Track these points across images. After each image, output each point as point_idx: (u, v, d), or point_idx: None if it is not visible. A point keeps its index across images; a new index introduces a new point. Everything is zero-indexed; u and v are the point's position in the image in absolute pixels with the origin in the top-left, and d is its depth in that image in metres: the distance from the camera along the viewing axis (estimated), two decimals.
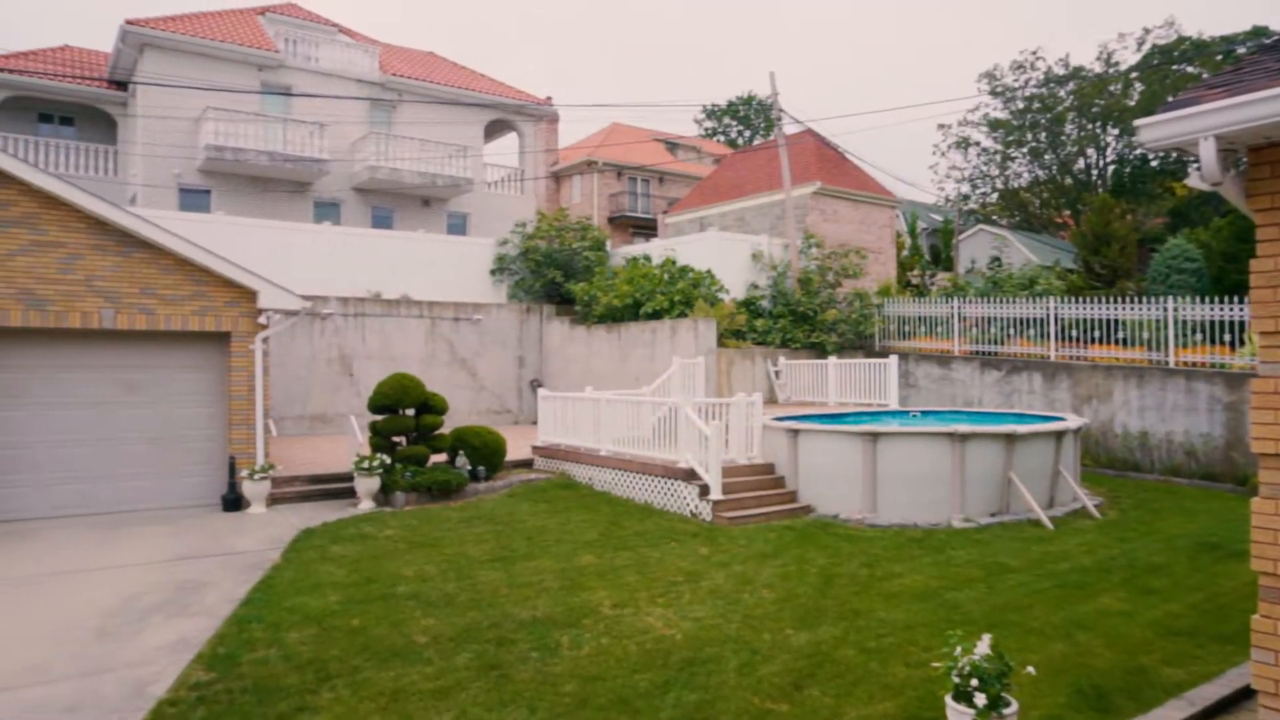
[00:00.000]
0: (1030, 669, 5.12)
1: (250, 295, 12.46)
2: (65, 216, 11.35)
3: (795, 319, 20.56)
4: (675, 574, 8.71)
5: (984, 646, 4.73)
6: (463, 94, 27.99)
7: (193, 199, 23.61)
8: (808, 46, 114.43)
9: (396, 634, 6.87)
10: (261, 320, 12.56)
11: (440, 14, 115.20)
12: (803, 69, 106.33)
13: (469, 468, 13.15)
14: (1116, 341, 16.95)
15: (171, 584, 8.44)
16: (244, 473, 12.06)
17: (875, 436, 11.40)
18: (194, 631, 7.03)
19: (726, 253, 21.20)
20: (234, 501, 12.11)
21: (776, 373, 19.36)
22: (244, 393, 12.45)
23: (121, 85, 25.20)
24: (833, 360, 18.36)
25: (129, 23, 22.67)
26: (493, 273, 23.03)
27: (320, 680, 5.97)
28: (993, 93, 43.75)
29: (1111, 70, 40.49)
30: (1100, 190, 39.90)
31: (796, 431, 12.13)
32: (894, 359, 17.28)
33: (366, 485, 12.22)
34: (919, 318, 20.36)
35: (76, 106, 25.69)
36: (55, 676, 6.10)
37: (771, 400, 18.84)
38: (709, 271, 20.15)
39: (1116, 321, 17.01)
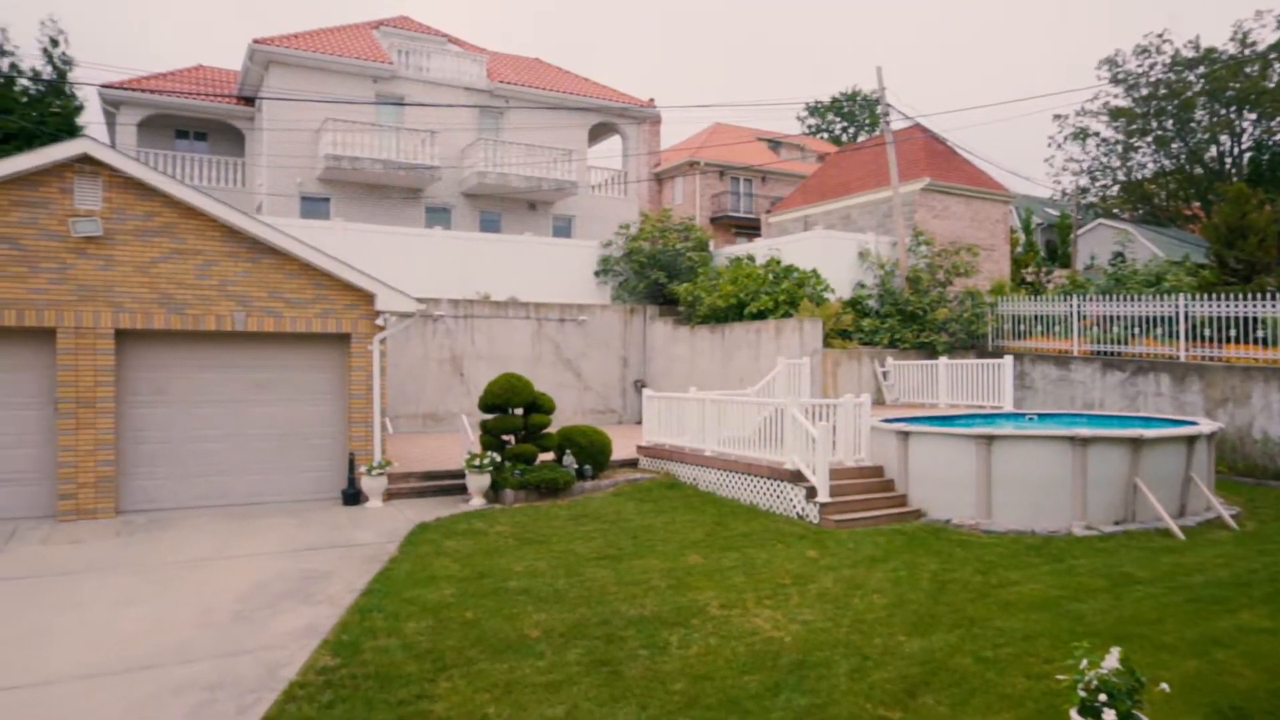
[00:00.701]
0: (1164, 686, 4.88)
1: (368, 298, 12.98)
2: (202, 226, 12.09)
3: (904, 318, 20.09)
4: (783, 576, 8.64)
5: (1112, 660, 4.52)
6: (567, 98, 28.45)
7: (313, 206, 24.77)
8: (915, 40, 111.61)
9: (509, 627, 7.05)
10: (379, 322, 13.07)
11: (541, 15, 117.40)
12: (908, 64, 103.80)
13: (576, 466, 13.36)
14: (1255, 341, 15.89)
15: (298, 573, 8.87)
16: (362, 469, 12.57)
17: (990, 439, 11.03)
18: (320, 619, 7.37)
19: (832, 251, 20.88)
20: (353, 496, 12.63)
21: (884, 373, 18.95)
22: (363, 392, 12.99)
23: (249, 101, 26.62)
24: (943, 361, 17.85)
25: (256, 42, 23.95)
26: (597, 274, 23.33)
27: (438, 670, 6.18)
28: (1114, 80, 41.64)
29: (1248, 51, 37.95)
30: (1235, 179, 37.45)
31: (907, 434, 11.85)
32: (1009, 359, 16.67)
33: (477, 482, 12.57)
34: (1035, 316, 19.58)
35: (209, 122, 27.30)
36: (198, 656, 6.51)
37: (879, 402, 18.46)
38: (814, 271, 19.90)
39: (1255, 319, 15.96)
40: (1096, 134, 44.42)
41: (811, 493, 11.21)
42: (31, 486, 11.39)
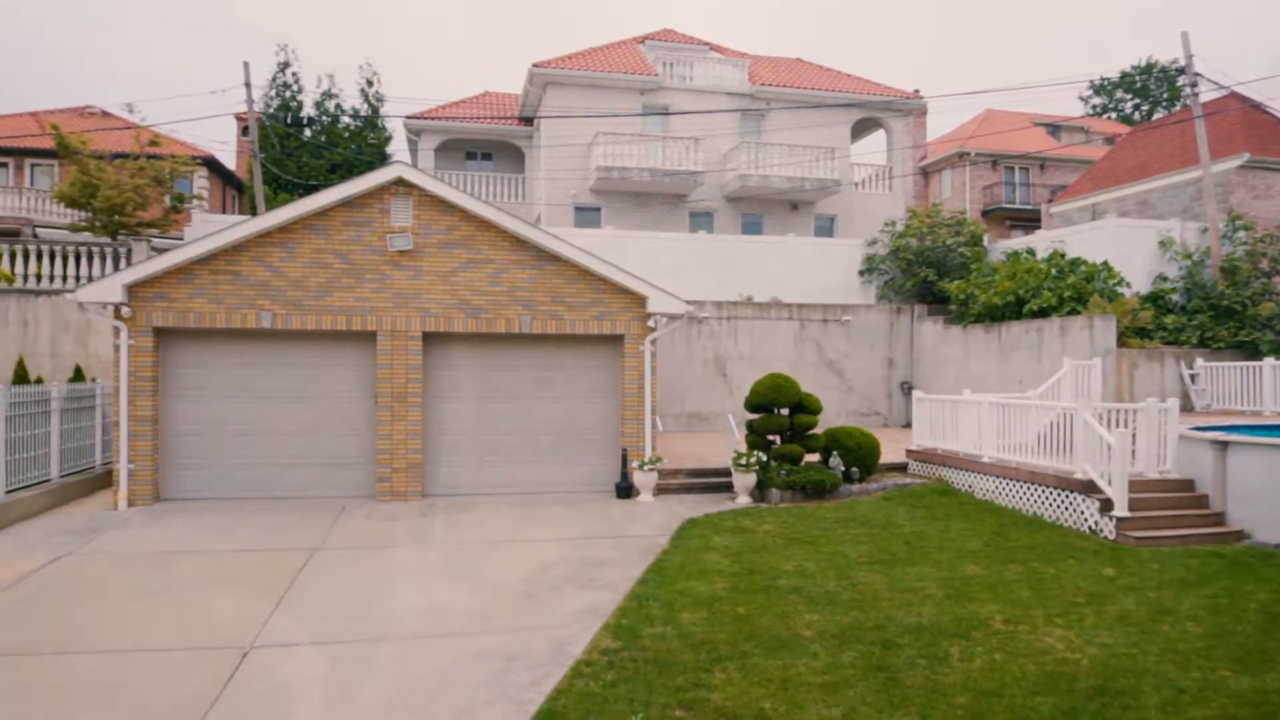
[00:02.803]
0: None
1: (640, 300, 13.55)
2: (494, 237, 13.23)
3: (1217, 314, 17.79)
4: (1074, 594, 7.98)
5: None
6: (828, 96, 28.01)
7: (585, 215, 26.29)
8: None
9: (781, 625, 7.07)
10: (650, 324, 13.60)
11: (806, 15, 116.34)
12: (1211, 25, 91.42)
13: (842, 469, 13.12)
14: None
15: (578, 559, 9.45)
16: (634, 464, 13.15)
17: None
18: (599, 603, 7.81)
19: (1126, 242, 18.95)
20: (625, 490, 13.24)
21: (1192, 376, 16.88)
22: (634, 391, 13.58)
23: (528, 121, 28.76)
24: (1269, 362, 15.60)
25: (535, 65, 25.83)
26: (861, 273, 22.77)
27: (712, 660, 6.33)
28: None
29: None
30: None
31: (1225, 444, 10.49)
32: None
33: (743, 481, 12.71)
34: None
35: (493, 143, 29.86)
36: (494, 629, 7.14)
37: (1187, 408, 16.46)
38: (1105, 263, 18.14)
39: None
40: None
41: (1106, 505, 10.23)
42: (357, 470, 13.03)
